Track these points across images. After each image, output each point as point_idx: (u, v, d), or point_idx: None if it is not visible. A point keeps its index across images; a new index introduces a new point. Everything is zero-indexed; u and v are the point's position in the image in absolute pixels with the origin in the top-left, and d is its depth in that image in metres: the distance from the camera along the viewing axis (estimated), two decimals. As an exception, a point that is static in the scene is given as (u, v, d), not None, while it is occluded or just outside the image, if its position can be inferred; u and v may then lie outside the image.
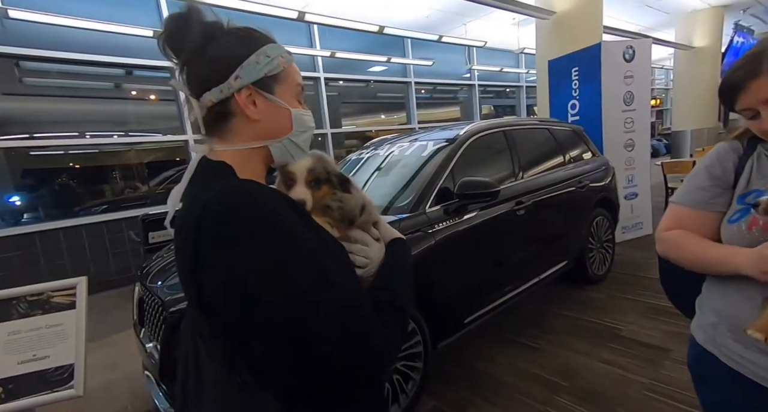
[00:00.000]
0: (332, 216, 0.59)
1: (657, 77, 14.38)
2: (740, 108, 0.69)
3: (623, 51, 3.81)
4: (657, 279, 0.94)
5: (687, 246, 0.76)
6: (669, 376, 1.81)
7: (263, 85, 0.54)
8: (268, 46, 0.54)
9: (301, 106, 0.58)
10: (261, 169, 0.58)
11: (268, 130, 0.56)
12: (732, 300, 0.71)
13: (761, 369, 0.66)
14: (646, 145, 4.12)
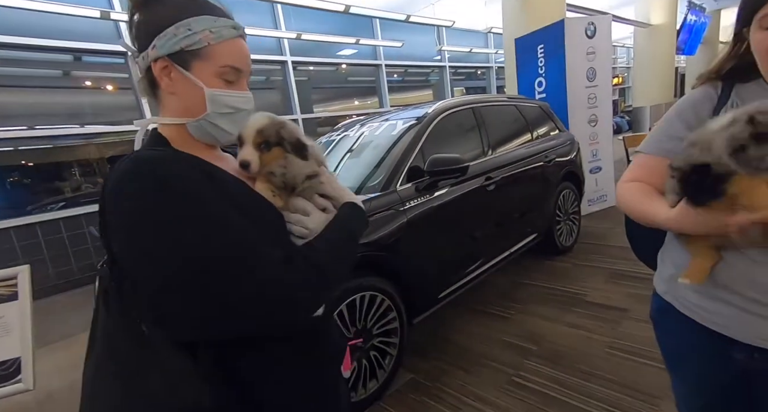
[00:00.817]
0: (274, 182, 0.58)
1: (619, 56, 14.82)
2: (759, 19, 0.60)
3: (585, 27, 3.89)
4: (619, 247, 0.98)
5: (631, 199, 0.75)
6: (627, 333, 1.94)
7: (180, 59, 0.52)
8: (194, 19, 0.52)
9: (226, 87, 0.56)
10: (198, 142, 0.58)
11: (185, 105, 0.55)
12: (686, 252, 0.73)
13: (711, 314, 0.70)
14: (609, 120, 4.26)
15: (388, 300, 1.75)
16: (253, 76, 0.64)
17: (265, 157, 0.58)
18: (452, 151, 2.26)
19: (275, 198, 0.58)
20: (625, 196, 0.77)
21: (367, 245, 1.66)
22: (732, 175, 0.52)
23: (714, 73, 0.72)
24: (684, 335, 0.76)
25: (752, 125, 0.51)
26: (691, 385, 0.81)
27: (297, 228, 0.58)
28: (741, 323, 0.66)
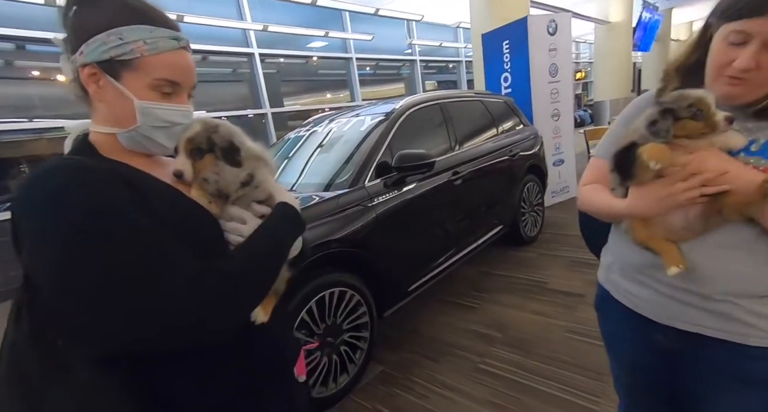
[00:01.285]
0: (209, 190, 0.57)
1: (582, 51, 15.40)
2: (737, 28, 0.59)
3: (547, 24, 4.02)
4: (579, 236, 1.04)
5: (592, 198, 0.81)
6: (584, 317, 2.07)
7: (109, 68, 0.51)
8: (128, 28, 0.51)
9: (162, 100, 0.54)
10: (127, 149, 0.57)
11: (114, 115, 0.54)
12: (622, 242, 0.80)
13: (636, 298, 0.77)
14: (570, 114, 4.45)
15: (357, 295, 1.78)
16: (219, 69, 0.63)
17: (198, 165, 0.58)
18: (420, 146, 2.30)
19: (211, 205, 0.57)
20: (586, 198, 0.83)
21: (336, 242, 1.68)
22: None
23: (680, 65, 0.72)
24: (618, 319, 0.84)
25: (660, 105, 0.66)
26: (622, 365, 0.89)
27: (233, 237, 0.57)
28: (659, 305, 0.73)
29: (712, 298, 0.66)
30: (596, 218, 0.84)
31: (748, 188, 0.58)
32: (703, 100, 0.61)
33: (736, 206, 0.61)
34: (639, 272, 0.76)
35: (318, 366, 1.63)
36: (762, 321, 0.63)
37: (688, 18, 15.00)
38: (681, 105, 0.63)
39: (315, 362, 1.62)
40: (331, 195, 1.80)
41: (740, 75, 0.60)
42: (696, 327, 0.69)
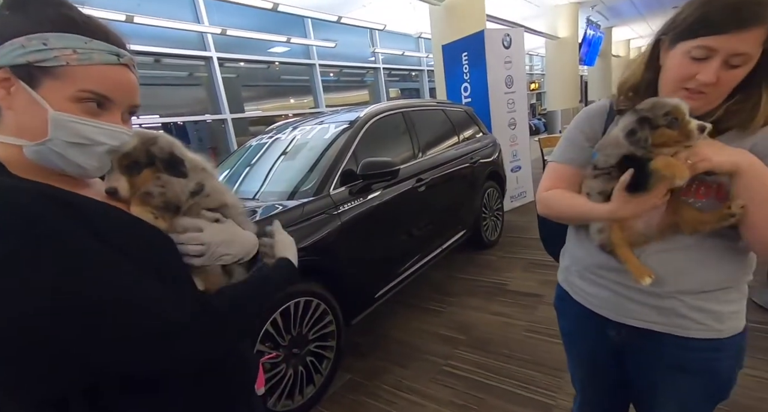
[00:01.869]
0: (153, 204, 0.54)
1: (535, 64, 16.35)
2: (702, 43, 0.60)
3: (502, 38, 4.24)
4: (537, 239, 1.08)
5: (562, 203, 0.81)
6: (542, 316, 2.19)
7: (25, 74, 0.46)
8: (57, 35, 0.46)
9: (85, 115, 0.48)
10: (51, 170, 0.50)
11: (21, 125, 0.48)
12: (581, 246, 0.85)
13: (590, 297, 0.83)
14: (525, 123, 4.70)
15: (323, 304, 1.77)
16: (174, 72, 0.60)
17: (136, 180, 0.54)
18: (384, 154, 2.33)
19: (158, 221, 0.53)
20: (553, 202, 0.83)
21: (301, 250, 1.64)
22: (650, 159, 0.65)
23: (633, 84, 0.74)
24: (575, 318, 0.89)
25: (636, 113, 0.68)
26: (578, 360, 0.96)
27: (192, 247, 0.54)
28: (613, 304, 0.79)
29: (660, 295, 0.72)
30: (557, 221, 0.87)
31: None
32: (679, 108, 0.63)
33: (693, 223, 0.66)
34: (594, 273, 0.82)
35: (283, 379, 1.60)
36: (701, 315, 0.70)
37: (625, 36, 16.46)
38: (657, 113, 0.64)
39: (280, 374, 1.58)
40: (296, 203, 1.78)
41: (702, 89, 0.63)
42: (646, 323, 0.75)
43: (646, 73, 0.73)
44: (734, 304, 0.72)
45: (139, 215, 0.52)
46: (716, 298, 0.70)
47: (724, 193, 0.65)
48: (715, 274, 0.69)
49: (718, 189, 0.66)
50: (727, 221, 0.63)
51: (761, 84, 0.62)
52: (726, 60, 0.60)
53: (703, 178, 0.66)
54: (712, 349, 0.72)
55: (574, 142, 0.84)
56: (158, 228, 0.53)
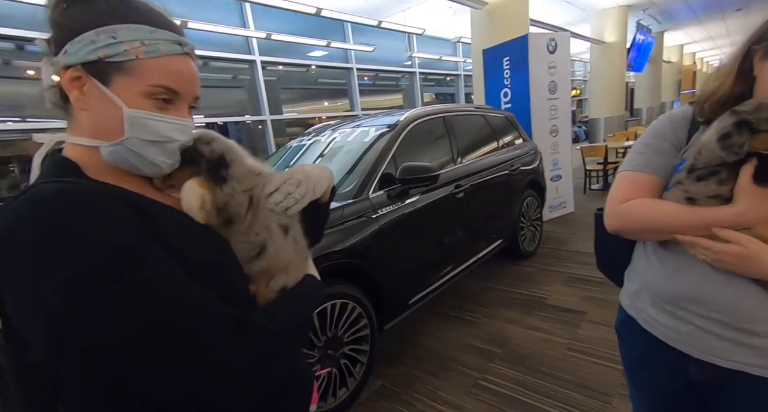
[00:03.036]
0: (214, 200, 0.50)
1: (577, 69, 15.73)
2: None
3: (547, 43, 4.10)
4: (576, 251, 1.02)
5: (654, 212, 0.72)
6: (585, 335, 2.06)
7: (97, 71, 0.44)
8: (124, 26, 0.44)
9: (157, 111, 0.47)
10: (120, 168, 0.48)
11: (97, 126, 0.46)
12: (650, 269, 0.78)
13: (668, 330, 0.75)
14: (568, 131, 4.52)
15: (359, 307, 1.76)
16: (220, 74, 0.59)
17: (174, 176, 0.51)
18: (423, 158, 2.31)
19: (201, 211, 0.48)
20: (639, 213, 0.74)
21: (339, 253, 1.66)
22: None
23: (723, 97, 0.68)
24: (643, 347, 0.81)
25: (735, 115, 0.60)
26: (646, 394, 0.87)
27: (296, 190, 0.54)
28: (695, 339, 0.71)
29: (757, 334, 0.64)
30: (641, 234, 0.78)
31: None
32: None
33: None
34: (674, 304, 0.74)
35: (317, 379, 1.60)
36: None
37: (679, 41, 15.47)
38: (761, 116, 0.57)
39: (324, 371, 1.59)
40: (335, 206, 1.79)
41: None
42: (739, 365, 0.67)
43: (738, 85, 0.66)
44: None
45: (189, 190, 0.49)
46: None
47: None
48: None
49: None
50: None
51: None
52: None
53: None
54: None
55: (658, 150, 0.76)
56: (221, 236, 0.50)
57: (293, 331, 0.50)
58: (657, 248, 0.77)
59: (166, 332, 0.37)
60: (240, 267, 0.51)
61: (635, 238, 0.82)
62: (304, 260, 0.59)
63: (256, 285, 0.53)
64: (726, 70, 0.68)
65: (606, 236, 0.83)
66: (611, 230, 0.80)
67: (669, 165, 0.74)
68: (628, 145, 5.71)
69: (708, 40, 15.06)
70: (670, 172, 0.73)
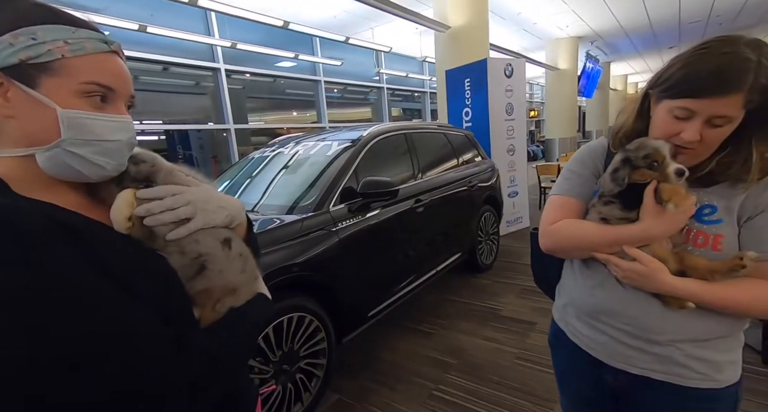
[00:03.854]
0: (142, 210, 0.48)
1: (535, 92, 16.78)
2: (683, 105, 0.63)
3: (504, 67, 4.38)
4: (530, 265, 1.09)
5: (578, 231, 0.78)
6: (533, 344, 2.18)
7: (20, 74, 0.42)
8: (43, 27, 0.42)
9: (92, 109, 0.45)
10: (54, 181, 0.46)
11: (28, 131, 0.43)
12: (575, 286, 0.85)
13: (589, 340, 0.82)
14: (524, 150, 4.80)
15: (316, 321, 1.76)
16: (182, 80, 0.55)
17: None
18: (385, 173, 2.37)
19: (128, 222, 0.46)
20: (565, 232, 0.80)
21: (297, 266, 1.67)
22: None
23: (626, 133, 0.76)
24: (570, 357, 0.88)
25: (623, 152, 0.73)
26: (572, 400, 0.95)
27: (181, 209, 0.48)
28: (612, 350, 0.78)
29: (658, 343, 0.72)
30: (568, 252, 0.85)
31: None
32: (659, 151, 0.66)
33: (702, 271, 0.66)
34: (592, 317, 0.81)
35: (272, 395, 1.57)
36: (699, 364, 0.70)
37: (623, 71, 17.01)
38: (638, 155, 0.68)
39: (268, 390, 1.56)
40: (295, 218, 1.80)
41: (687, 146, 0.65)
42: (645, 371, 0.74)
43: (638, 122, 0.75)
44: (732, 353, 0.72)
45: (117, 208, 0.46)
46: (715, 347, 0.70)
47: (720, 245, 0.66)
48: (715, 323, 0.69)
49: (715, 239, 0.67)
50: (737, 272, 0.64)
51: (751, 139, 0.64)
52: (708, 120, 0.62)
53: (698, 226, 0.68)
54: (711, 399, 0.71)
55: (581, 176, 0.85)
56: (158, 255, 0.48)
57: (236, 354, 0.49)
58: (581, 266, 0.85)
59: (96, 356, 0.36)
60: (181, 286, 0.49)
61: (565, 256, 0.89)
62: (254, 280, 0.56)
63: (200, 309, 0.49)
64: (630, 108, 0.77)
65: (540, 254, 0.90)
66: (545, 249, 0.86)
67: (589, 190, 0.83)
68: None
69: (648, 71, 16.66)
70: (590, 196, 0.82)
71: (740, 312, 0.67)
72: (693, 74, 0.62)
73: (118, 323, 0.38)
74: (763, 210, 0.64)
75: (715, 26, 9.72)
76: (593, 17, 8.40)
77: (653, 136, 0.71)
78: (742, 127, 0.63)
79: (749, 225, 0.65)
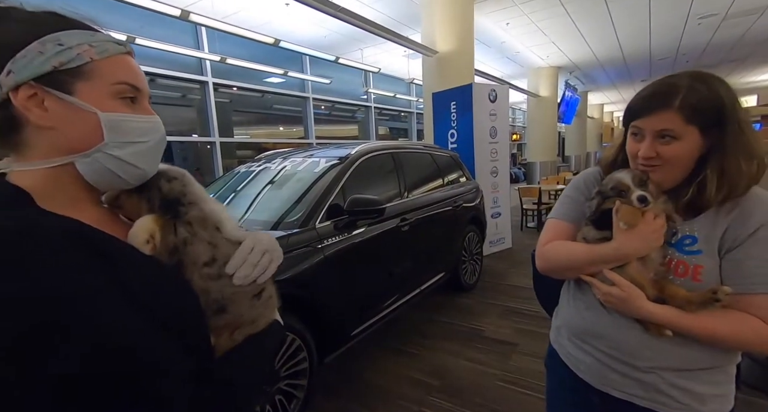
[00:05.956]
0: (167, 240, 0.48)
1: (518, 117, 17.41)
2: (633, 125, 0.73)
3: (488, 93, 4.55)
4: (513, 285, 1.11)
5: (563, 251, 0.82)
6: (515, 366, 2.18)
7: (55, 82, 0.41)
8: (64, 33, 0.41)
9: (128, 111, 0.45)
10: (81, 194, 0.45)
11: (69, 140, 0.42)
12: (569, 308, 0.88)
13: (577, 361, 0.84)
14: (507, 172, 4.93)
15: (298, 340, 1.72)
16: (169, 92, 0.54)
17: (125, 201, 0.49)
18: (371, 192, 2.39)
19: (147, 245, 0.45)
20: (553, 253, 0.84)
21: (281, 283, 1.63)
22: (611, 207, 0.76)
23: (608, 162, 0.84)
24: (561, 378, 0.89)
25: (598, 185, 0.82)
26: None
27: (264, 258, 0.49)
28: (596, 371, 0.80)
29: (641, 369, 0.73)
30: (560, 272, 0.87)
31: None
32: (622, 182, 0.73)
33: (678, 301, 0.68)
34: (580, 338, 0.83)
35: (248, 419, 1.50)
36: (681, 394, 0.70)
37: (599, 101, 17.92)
38: (607, 186, 0.77)
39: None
40: (280, 234, 1.78)
41: (645, 162, 0.72)
42: (626, 395, 0.75)
43: (621, 153, 0.82)
44: (719, 386, 0.71)
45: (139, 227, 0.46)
46: (699, 378, 0.70)
47: (700, 275, 0.68)
48: (697, 353, 0.69)
49: (695, 269, 0.69)
50: (712, 306, 0.64)
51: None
52: (656, 136, 0.69)
53: (679, 256, 0.71)
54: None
55: (575, 201, 0.88)
56: (187, 284, 0.47)
57: (251, 383, 0.49)
58: (575, 288, 0.87)
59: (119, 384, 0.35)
60: (203, 316, 0.47)
61: (557, 276, 0.90)
62: (272, 311, 0.56)
63: (217, 337, 0.48)
64: (616, 141, 0.84)
65: (540, 276, 0.93)
66: (540, 270, 0.89)
67: (582, 215, 0.86)
68: (560, 188, 6.32)
69: (622, 102, 17.59)
70: (583, 219, 0.86)
71: (718, 344, 0.68)
72: (636, 100, 0.74)
73: (141, 352, 0.37)
74: (742, 243, 0.65)
75: (683, 63, 10.43)
76: (572, 50, 8.88)
77: (630, 162, 0.78)
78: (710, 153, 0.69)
79: (728, 257, 0.67)
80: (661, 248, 0.72)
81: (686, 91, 0.66)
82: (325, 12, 4.31)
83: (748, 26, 7.57)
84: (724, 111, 0.66)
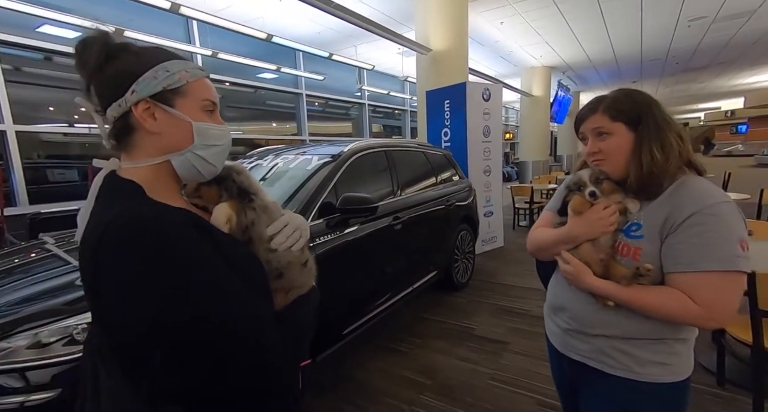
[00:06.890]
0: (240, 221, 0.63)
1: (511, 116, 17.48)
2: (581, 132, 0.90)
3: (482, 91, 4.55)
4: (505, 284, 1.19)
5: (540, 236, 0.97)
6: (506, 365, 2.19)
7: (162, 99, 0.56)
8: (169, 62, 0.57)
9: (209, 120, 0.60)
10: (173, 186, 0.60)
11: (169, 143, 0.57)
12: (552, 287, 1.02)
13: (551, 332, 1.00)
14: (499, 171, 4.95)
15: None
16: None
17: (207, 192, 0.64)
18: (364, 190, 2.37)
19: (226, 225, 0.60)
20: (534, 237, 1.00)
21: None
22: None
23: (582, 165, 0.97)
24: (551, 348, 1.03)
25: (566, 182, 0.94)
26: (558, 388, 1.09)
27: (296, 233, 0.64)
28: (561, 338, 0.95)
29: (591, 335, 0.87)
30: (538, 253, 1.00)
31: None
32: (581, 179, 0.87)
33: (617, 277, 0.81)
34: (553, 311, 0.99)
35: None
36: (622, 356, 0.83)
37: (591, 100, 17.99)
38: (571, 182, 0.90)
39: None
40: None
41: (592, 158, 0.86)
42: (580, 357, 0.90)
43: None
44: (663, 355, 0.81)
45: (219, 209, 0.61)
46: (640, 346, 0.82)
47: (639, 256, 0.80)
48: (640, 325, 0.80)
49: (635, 251, 0.80)
50: (637, 280, 0.78)
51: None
52: (595, 134, 0.85)
53: (625, 240, 0.82)
54: (630, 389, 0.82)
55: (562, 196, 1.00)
56: (256, 255, 0.61)
57: (308, 327, 0.65)
58: (557, 270, 0.99)
59: (231, 324, 0.48)
60: (268, 279, 0.62)
61: (541, 257, 1.01)
62: (312, 278, 0.72)
63: (276, 296, 0.64)
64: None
65: (540, 262, 1.05)
66: (529, 252, 1.03)
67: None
68: (552, 188, 6.37)
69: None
70: None
71: (650, 313, 0.78)
72: (578, 113, 0.91)
73: (243, 304, 0.51)
74: (676, 229, 0.76)
75: (673, 65, 10.57)
76: (565, 50, 8.94)
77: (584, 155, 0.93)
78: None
79: (666, 241, 0.77)
80: (614, 234, 0.83)
81: (609, 99, 0.84)
82: (319, 8, 4.27)
83: (737, 30, 7.70)
84: (639, 109, 0.81)
